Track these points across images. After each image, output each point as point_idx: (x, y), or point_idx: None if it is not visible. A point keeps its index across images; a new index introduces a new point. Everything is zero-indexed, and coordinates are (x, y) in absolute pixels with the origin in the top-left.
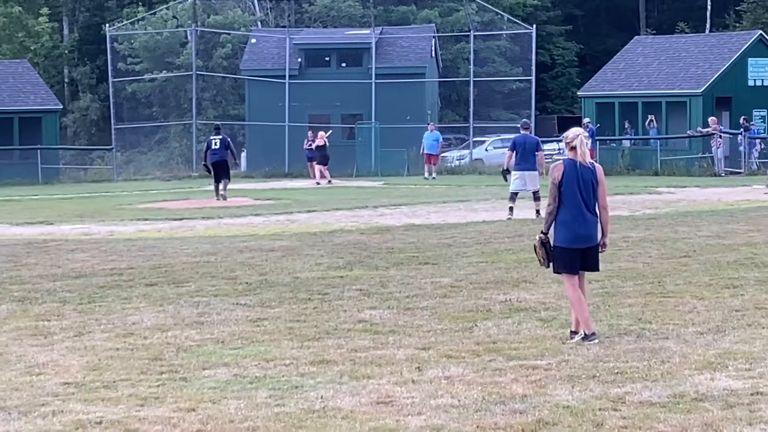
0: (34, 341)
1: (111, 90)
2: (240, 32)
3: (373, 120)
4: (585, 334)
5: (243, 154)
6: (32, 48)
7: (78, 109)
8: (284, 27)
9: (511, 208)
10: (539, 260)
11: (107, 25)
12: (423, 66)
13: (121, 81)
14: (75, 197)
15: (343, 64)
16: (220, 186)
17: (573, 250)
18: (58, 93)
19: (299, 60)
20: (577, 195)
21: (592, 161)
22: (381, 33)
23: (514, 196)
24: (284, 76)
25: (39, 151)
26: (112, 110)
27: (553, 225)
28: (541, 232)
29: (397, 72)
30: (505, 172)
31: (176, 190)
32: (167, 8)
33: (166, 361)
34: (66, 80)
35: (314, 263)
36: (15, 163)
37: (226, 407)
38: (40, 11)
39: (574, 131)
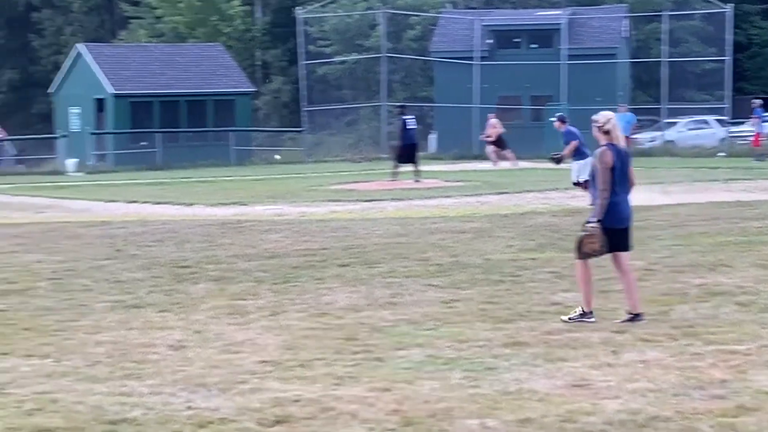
0: (231, 320)
1: (302, 72)
2: (429, 14)
3: (563, 101)
4: (583, 311)
5: (432, 136)
6: (225, 31)
7: (269, 92)
8: (474, 8)
9: None
10: (594, 250)
11: (298, 8)
12: (614, 47)
13: (312, 63)
14: (267, 178)
15: (533, 45)
16: (408, 169)
17: (618, 230)
18: (251, 75)
19: (489, 41)
20: (620, 176)
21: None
22: (572, 14)
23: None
24: (473, 57)
25: (232, 133)
26: (302, 92)
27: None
28: (597, 220)
29: (588, 53)
30: (559, 159)
31: (366, 171)
32: None
33: (360, 341)
34: (258, 63)
35: (505, 245)
36: (209, 144)
37: (420, 387)
38: None
39: (604, 115)
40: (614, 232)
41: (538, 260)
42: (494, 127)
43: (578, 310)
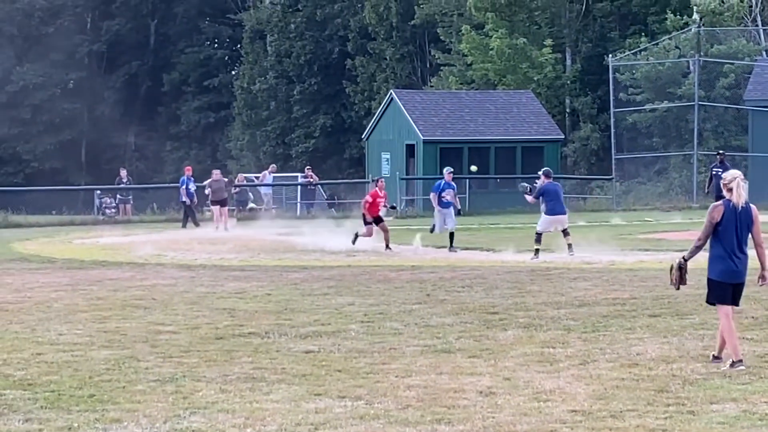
0: (540, 368)
1: (612, 120)
2: (744, 62)
3: None
4: (732, 362)
5: (744, 186)
6: (535, 78)
7: (578, 139)
8: None
9: (537, 250)
10: (671, 281)
11: (609, 55)
12: None
13: (622, 111)
14: (574, 226)
15: None
16: None
17: (725, 284)
18: (560, 122)
19: None
20: (733, 234)
21: (746, 201)
22: None
23: (540, 237)
24: None
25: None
26: (612, 140)
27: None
28: (683, 258)
29: None
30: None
31: (676, 221)
32: (670, 39)
33: (672, 393)
34: (567, 110)
35: None
36: (518, 191)
37: None
38: (544, 42)
39: (732, 173)
40: (718, 285)
41: None
42: None
43: (728, 361)
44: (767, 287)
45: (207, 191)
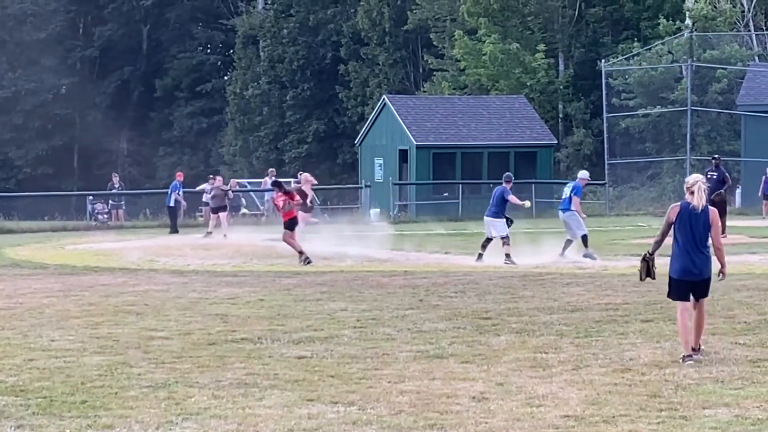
0: (533, 373)
1: (605, 125)
2: (736, 67)
3: None
4: (683, 356)
5: (738, 191)
6: (528, 84)
7: (571, 144)
8: None
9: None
10: (639, 273)
11: (602, 60)
12: None
13: (615, 116)
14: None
15: None
16: None
17: (682, 281)
18: (552, 128)
19: None
20: (688, 234)
21: (706, 205)
22: None
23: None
24: None
25: (533, 185)
26: (605, 145)
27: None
28: (648, 252)
29: None
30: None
31: None
32: (663, 44)
33: (664, 398)
34: (560, 115)
35: None
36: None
37: None
38: (537, 48)
39: (694, 177)
40: (676, 282)
41: None
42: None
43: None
44: (759, 292)
45: (206, 198)
